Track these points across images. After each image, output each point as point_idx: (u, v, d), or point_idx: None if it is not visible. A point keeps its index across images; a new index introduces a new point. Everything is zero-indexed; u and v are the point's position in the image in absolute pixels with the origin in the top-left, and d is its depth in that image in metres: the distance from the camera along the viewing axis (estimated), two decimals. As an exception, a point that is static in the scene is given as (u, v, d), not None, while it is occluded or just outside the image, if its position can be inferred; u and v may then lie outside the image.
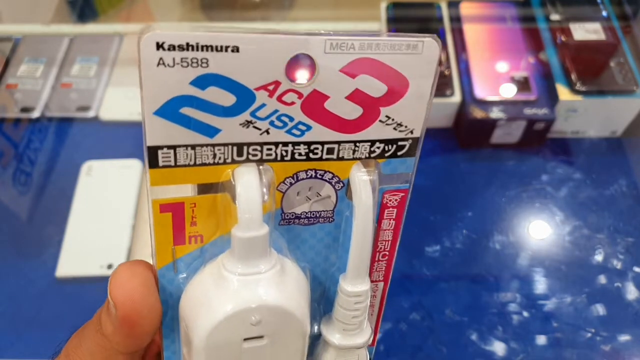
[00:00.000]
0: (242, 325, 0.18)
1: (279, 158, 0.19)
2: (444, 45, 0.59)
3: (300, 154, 0.19)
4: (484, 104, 0.55)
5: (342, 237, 0.21)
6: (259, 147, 0.18)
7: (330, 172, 0.19)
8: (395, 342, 0.46)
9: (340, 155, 0.19)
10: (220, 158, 0.18)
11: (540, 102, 0.55)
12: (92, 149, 0.58)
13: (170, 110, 0.17)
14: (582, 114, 0.56)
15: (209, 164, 0.18)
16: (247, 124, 0.18)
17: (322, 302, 0.22)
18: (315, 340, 0.23)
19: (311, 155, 0.19)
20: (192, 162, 0.18)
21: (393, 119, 0.19)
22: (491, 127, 0.55)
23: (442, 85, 0.56)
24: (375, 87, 0.18)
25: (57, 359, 0.21)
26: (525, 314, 0.47)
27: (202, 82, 0.17)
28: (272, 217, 0.20)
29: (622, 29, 0.58)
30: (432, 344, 0.46)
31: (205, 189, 0.18)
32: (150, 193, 0.18)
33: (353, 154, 0.19)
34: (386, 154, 0.19)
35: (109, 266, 0.50)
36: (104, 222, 0.53)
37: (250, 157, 0.18)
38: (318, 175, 0.19)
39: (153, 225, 0.18)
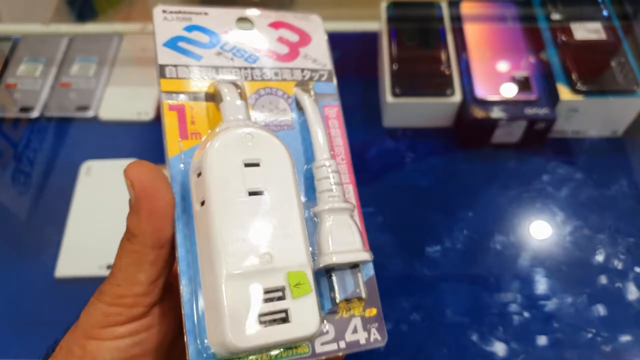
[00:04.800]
0: (241, 144, 0.23)
1: (244, 78, 0.27)
2: (444, 45, 0.59)
3: (256, 75, 0.27)
4: (485, 104, 0.55)
5: (303, 142, 0.27)
6: (229, 70, 0.27)
7: (280, 90, 0.28)
8: (396, 343, 0.46)
9: (284, 77, 0.28)
10: (205, 75, 0.26)
11: (541, 102, 0.55)
12: (91, 149, 0.58)
13: (172, 44, 0.26)
14: (583, 114, 0.56)
15: (198, 79, 0.26)
16: (219, 54, 0.27)
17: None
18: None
19: (264, 77, 0.28)
20: (187, 77, 0.26)
21: (309, 56, 0.29)
22: (492, 127, 0.55)
23: (443, 85, 0.56)
24: (291, 36, 0.29)
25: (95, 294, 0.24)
26: (526, 314, 0.47)
27: (189, 29, 0.27)
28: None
29: (623, 29, 0.58)
30: (432, 344, 0.46)
31: (198, 98, 0.26)
32: (162, 97, 0.25)
33: (291, 76, 0.28)
34: (314, 79, 0.29)
35: (108, 266, 0.50)
36: (104, 222, 0.53)
37: (224, 76, 0.27)
38: (273, 92, 0.28)
39: (164, 122, 0.25)
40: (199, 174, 0.23)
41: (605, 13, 0.59)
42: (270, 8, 0.28)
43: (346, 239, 0.24)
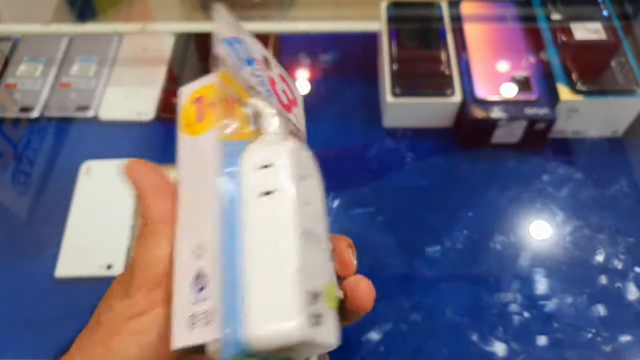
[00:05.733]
0: (301, 157, 0.24)
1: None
2: (444, 45, 0.59)
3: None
4: (485, 104, 0.55)
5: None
6: (258, 95, 0.27)
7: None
8: (396, 343, 0.46)
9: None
10: (243, 86, 0.26)
11: (541, 102, 0.55)
12: (91, 149, 0.58)
13: (230, 43, 0.26)
14: (583, 114, 0.56)
15: (241, 87, 0.26)
16: (252, 74, 0.26)
17: None
18: None
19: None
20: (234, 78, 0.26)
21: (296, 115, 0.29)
22: (492, 127, 0.55)
23: (443, 85, 0.56)
24: (291, 90, 0.30)
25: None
26: (526, 314, 0.47)
27: (237, 40, 0.26)
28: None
29: (623, 29, 0.58)
30: (432, 344, 0.46)
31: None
32: (217, 84, 0.25)
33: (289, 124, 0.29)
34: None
35: (109, 266, 0.50)
36: (103, 222, 0.53)
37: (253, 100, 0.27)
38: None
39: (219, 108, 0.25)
40: (266, 166, 0.23)
41: (605, 13, 0.59)
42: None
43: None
